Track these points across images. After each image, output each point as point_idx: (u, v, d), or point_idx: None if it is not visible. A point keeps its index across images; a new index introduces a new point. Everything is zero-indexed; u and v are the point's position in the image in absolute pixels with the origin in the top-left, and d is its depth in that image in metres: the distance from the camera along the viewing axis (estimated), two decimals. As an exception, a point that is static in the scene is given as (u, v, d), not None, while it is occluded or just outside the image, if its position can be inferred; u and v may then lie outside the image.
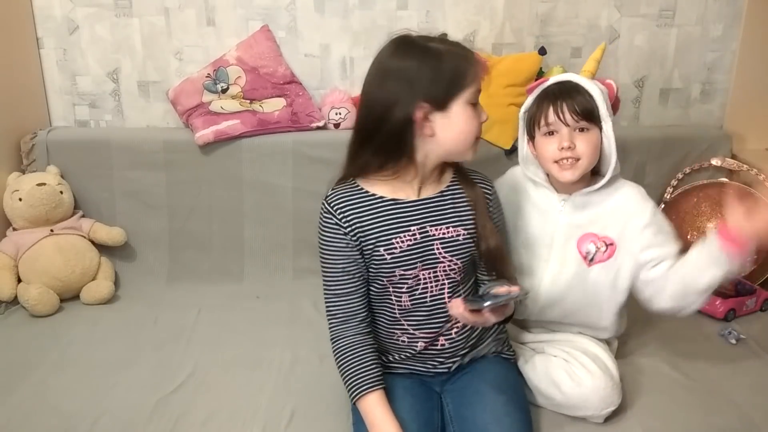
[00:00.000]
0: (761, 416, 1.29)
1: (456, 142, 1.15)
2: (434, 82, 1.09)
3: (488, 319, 1.11)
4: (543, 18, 2.01)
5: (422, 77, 1.09)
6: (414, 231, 1.18)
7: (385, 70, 1.13)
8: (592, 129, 1.29)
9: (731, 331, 1.59)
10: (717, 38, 2.05)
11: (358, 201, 1.19)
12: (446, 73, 1.10)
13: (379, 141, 1.13)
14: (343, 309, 1.20)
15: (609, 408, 1.25)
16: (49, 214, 1.80)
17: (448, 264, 1.20)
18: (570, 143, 1.27)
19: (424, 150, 1.15)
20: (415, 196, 1.20)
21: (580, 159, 1.28)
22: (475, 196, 1.22)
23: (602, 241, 1.33)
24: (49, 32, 1.98)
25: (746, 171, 1.92)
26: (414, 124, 1.11)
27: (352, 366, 1.16)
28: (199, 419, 1.29)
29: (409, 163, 1.16)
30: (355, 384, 1.15)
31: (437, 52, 1.11)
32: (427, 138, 1.13)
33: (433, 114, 1.11)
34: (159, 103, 2.05)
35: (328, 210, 1.19)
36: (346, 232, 1.18)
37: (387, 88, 1.11)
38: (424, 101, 1.10)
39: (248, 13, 1.98)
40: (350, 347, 1.18)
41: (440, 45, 1.12)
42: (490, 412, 1.16)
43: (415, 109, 1.09)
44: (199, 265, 1.93)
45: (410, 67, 1.10)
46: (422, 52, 1.11)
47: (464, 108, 1.13)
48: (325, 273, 1.21)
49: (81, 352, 1.53)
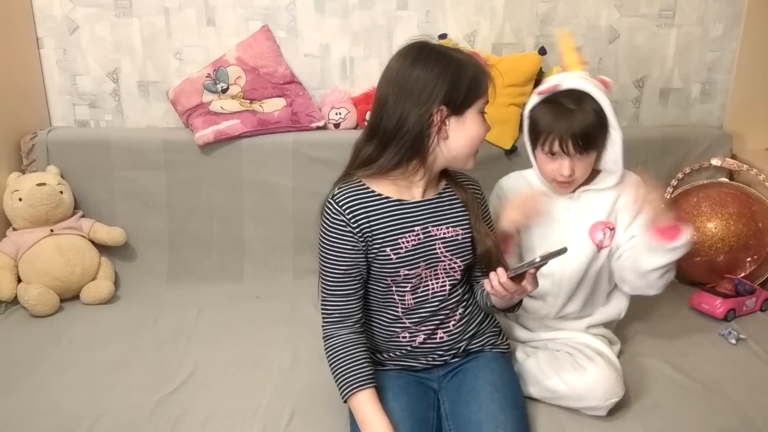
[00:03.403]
0: (761, 416, 1.30)
1: (465, 147, 1.20)
2: (455, 88, 1.15)
3: (525, 287, 1.15)
4: (543, 18, 2.01)
5: (444, 82, 1.14)
6: (418, 231, 1.22)
7: (406, 74, 1.16)
8: (592, 153, 1.35)
9: (731, 331, 1.59)
10: (717, 38, 2.05)
11: (366, 201, 1.20)
12: (466, 80, 1.16)
13: (396, 142, 1.16)
14: (339, 310, 1.22)
15: (612, 399, 1.26)
16: (49, 214, 1.80)
17: (448, 263, 1.24)
18: (570, 172, 1.34)
19: (434, 153, 1.19)
20: (419, 197, 1.24)
21: (575, 181, 1.37)
22: (468, 199, 1.28)
23: (607, 226, 1.40)
24: (49, 32, 1.98)
25: (746, 171, 1.93)
26: (432, 126, 1.15)
27: (343, 364, 1.17)
28: (199, 419, 1.30)
29: (421, 164, 1.20)
30: (346, 382, 1.16)
31: (458, 60, 1.17)
32: (441, 141, 1.18)
33: (450, 118, 1.17)
34: (159, 103, 2.05)
35: (336, 210, 1.19)
36: (354, 233, 1.19)
37: (408, 93, 1.15)
38: (444, 104, 1.15)
39: (248, 13, 1.98)
40: (342, 346, 1.19)
41: (459, 54, 1.19)
42: (485, 410, 1.18)
43: (435, 111, 1.14)
44: (199, 265, 1.94)
45: (432, 72, 1.14)
46: (444, 58, 1.16)
47: (476, 116, 1.19)
48: (325, 273, 1.22)
49: (81, 352, 1.53)
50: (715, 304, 1.67)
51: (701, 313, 1.70)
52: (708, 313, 1.68)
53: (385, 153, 1.17)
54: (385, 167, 1.18)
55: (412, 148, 1.16)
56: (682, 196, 1.95)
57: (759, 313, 1.72)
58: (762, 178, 1.88)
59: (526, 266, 1.12)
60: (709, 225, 1.86)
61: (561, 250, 1.12)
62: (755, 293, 1.72)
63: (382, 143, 1.18)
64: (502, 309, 1.28)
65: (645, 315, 1.70)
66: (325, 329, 1.22)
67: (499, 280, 1.14)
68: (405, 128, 1.15)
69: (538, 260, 1.11)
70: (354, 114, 1.97)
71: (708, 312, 1.68)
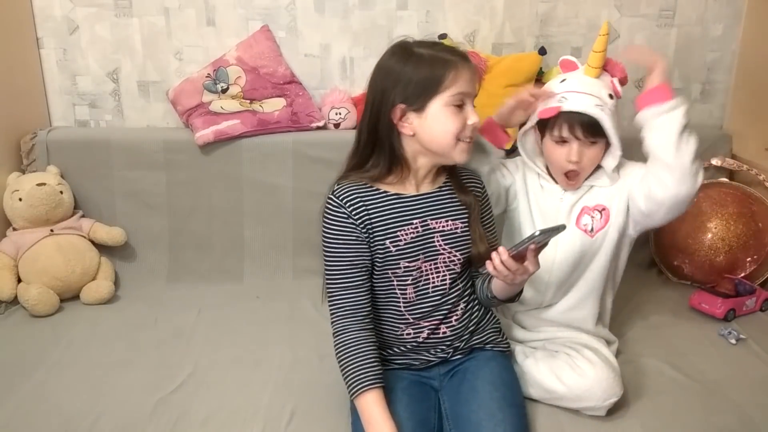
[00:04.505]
0: (761, 416, 1.29)
1: (435, 142, 1.20)
2: (410, 85, 1.16)
3: (527, 267, 1.15)
4: (543, 18, 2.01)
5: (401, 80, 1.17)
6: (416, 224, 1.23)
7: (374, 79, 1.21)
8: (600, 142, 1.36)
9: (731, 331, 1.59)
10: (717, 38, 2.05)
11: (365, 194, 1.22)
12: (421, 76, 1.16)
13: (373, 140, 1.21)
14: (349, 302, 1.21)
15: (611, 399, 1.26)
16: (49, 214, 1.80)
17: (447, 256, 1.26)
18: (579, 158, 1.35)
19: (410, 149, 1.22)
20: (415, 191, 1.25)
21: (582, 172, 1.38)
22: (469, 202, 1.28)
23: (594, 209, 1.40)
24: (49, 32, 1.99)
25: (746, 171, 1.92)
26: (394, 125, 1.19)
27: (353, 362, 1.17)
28: (199, 419, 1.29)
29: (402, 161, 1.23)
30: (355, 380, 1.15)
31: (418, 57, 1.17)
32: (409, 137, 1.20)
33: (410, 114, 1.18)
34: (159, 103, 2.05)
35: (337, 203, 1.21)
36: (356, 224, 1.20)
37: (377, 90, 1.20)
38: (401, 102, 1.17)
39: (248, 13, 1.98)
40: (353, 342, 1.18)
41: (425, 50, 1.19)
42: (485, 409, 1.18)
43: (393, 109, 1.17)
44: (199, 265, 1.94)
45: (394, 71, 1.18)
46: (407, 56, 1.18)
47: (442, 110, 1.18)
48: (330, 267, 1.22)
49: (81, 352, 1.53)
50: (715, 304, 1.67)
51: (701, 313, 1.70)
52: (708, 313, 1.68)
53: (371, 159, 1.22)
54: (376, 177, 1.22)
55: (391, 149, 1.20)
56: (682, 196, 1.95)
57: (759, 313, 1.72)
58: (762, 178, 1.88)
59: (526, 241, 1.12)
60: (709, 225, 1.86)
61: (560, 226, 1.13)
62: (755, 293, 1.72)
63: (367, 148, 1.22)
64: (503, 300, 1.28)
65: (645, 315, 1.70)
66: (335, 324, 1.21)
67: (500, 258, 1.13)
68: (377, 132, 1.19)
69: (537, 233, 1.10)
70: (354, 114, 1.97)
71: (708, 312, 1.68)
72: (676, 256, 1.91)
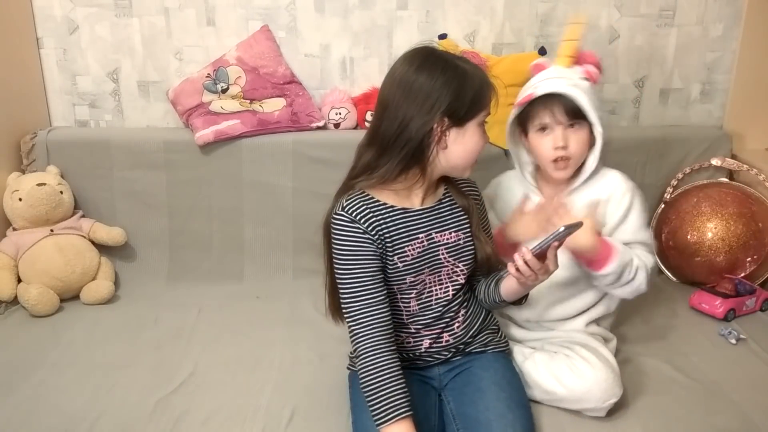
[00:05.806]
0: (761, 416, 1.30)
1: (463, 159, 1.20)
2: (458, 99, 1.14)
3: (548, 266, 1.15)
4: (543, 18, 2.01)
5: (448, 92, 1.13)
6: (422, 238, 1.23)
7: (410, 81, 1.14)
8: (582, 125, 1.35)
9: (731, 331, 1.59)
10: (717, 38, 2.05)
11: (375, 210, 1.20)
12: (470, 92, 1.15)
13: (397, 149, 1.15)
14: (373, 319, 1.16)
15: (611, 400, 1.26)
16: (49, 214, 1.80)
17: (451, 268, 1.26)
18: (564, 143, 1.34)
19: (434, 162, 1.19)
20: (419, 205, 1.24)
21: (571, 158, 1.36)
22: (468, 205, 1.28)
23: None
24: (49, 32, 1.98)
25: (746, 171, 1.93)
26: (432, 136, 1.15)
27: (382, 388, 1.12)
28: (199, 419, 1.29)
29: (420, 173, 1.20)
30: (386, 408, 1.11)
31: (464, 71, 1.16)
32: (440, 151, 1.17)
33: (451, 129, 1.16)
34: (159, 103, 2.05)
35: (351, 219, 1.18)
36: (373, 240, 1.18)
37: (411, 100, 1.13)
38: (446, 116, 1.14)
39: (248, 13, 1.98)
40: (381, 366, 1.13)
41: (465, 65, 1.17)
42: (493, 410, 1.18)
43: (437, 121, 1.14)
44: (199, 265, 1.94)
45: (437, 81, 1.13)
46: (450, 68, 1.15)
47: (476, 129, 1.19)
48: (349, 285, 1.17)
49: (81, 352, 1.53)
50: (715, 304, 1.67)
51: (701, 313, 1.70)
52: (708, 313, 1.68)
53: (386, 160, 1.16)
54: (386, 177, 1.18)
55: (413, 157, 1.16)
56: (682, 196, 1.95)
57: (759, 313, 1.72)
58: (762, 178, 1.88)
59: (551, 238, 1.11)
60: (709, 225, 1.86)
61: (579, 223, 1.15)
62: (755, 293, 1.72)
63: (382, 148, 1.17)
64: (510, 303, 1.28)
65: (645, 315, 1.70)
66: (360, 344, 1.15)
67: (524, 259, 1.13)
68: (405, 135, 1.14)
69: (562, 229, 1.10)
70: (354, 114, 1.97)
71: (708, 312, 1.68)
72: (675, 256, 1.91)
